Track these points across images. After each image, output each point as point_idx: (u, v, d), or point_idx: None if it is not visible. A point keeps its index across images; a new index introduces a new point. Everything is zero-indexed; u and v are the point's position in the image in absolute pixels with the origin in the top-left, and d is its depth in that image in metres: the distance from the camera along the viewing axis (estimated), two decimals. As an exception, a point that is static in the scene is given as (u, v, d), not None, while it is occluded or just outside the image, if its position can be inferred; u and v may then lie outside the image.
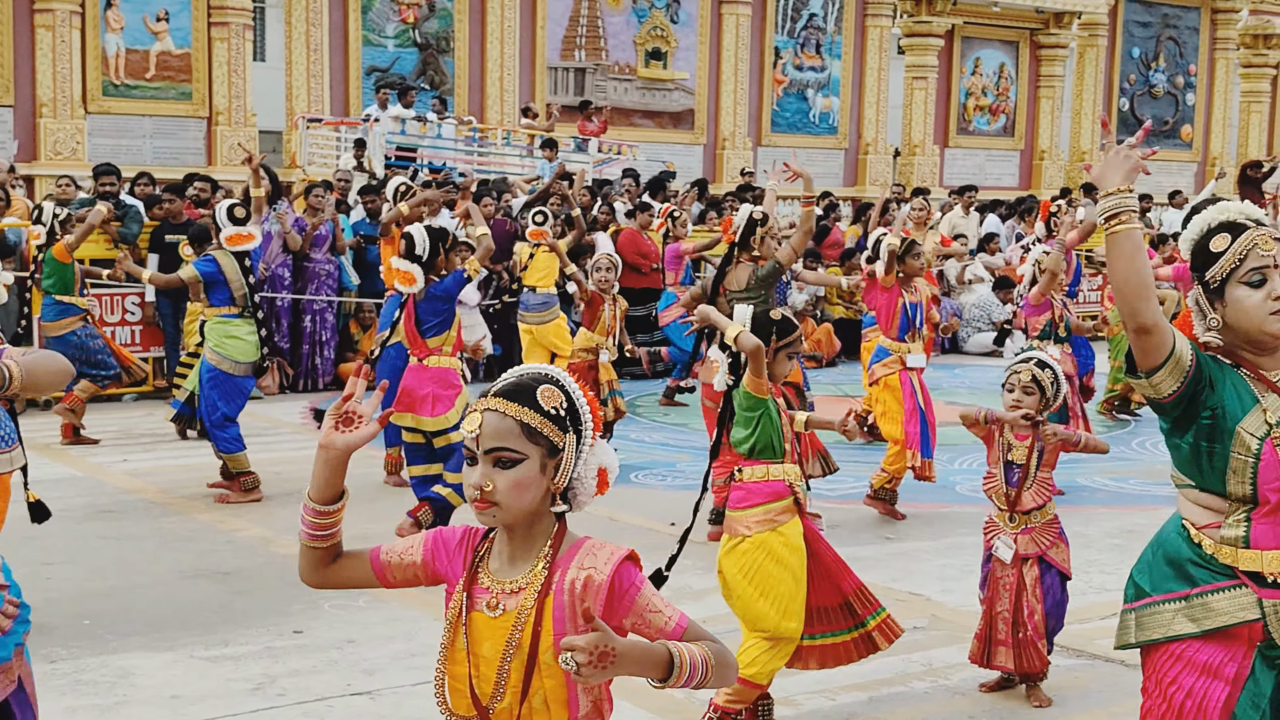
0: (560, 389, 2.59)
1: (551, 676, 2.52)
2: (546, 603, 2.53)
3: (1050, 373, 5.53)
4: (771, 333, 5.05)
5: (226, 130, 19.21)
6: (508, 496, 2.51)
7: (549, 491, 2.56)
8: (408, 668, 5.67)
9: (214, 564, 7.19)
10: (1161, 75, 28.60)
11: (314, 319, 13.00)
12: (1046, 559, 5.41)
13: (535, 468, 2.53)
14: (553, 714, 2.55)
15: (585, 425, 2.60)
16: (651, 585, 2.56)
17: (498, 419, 2.52)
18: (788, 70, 24.37)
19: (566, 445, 2.56)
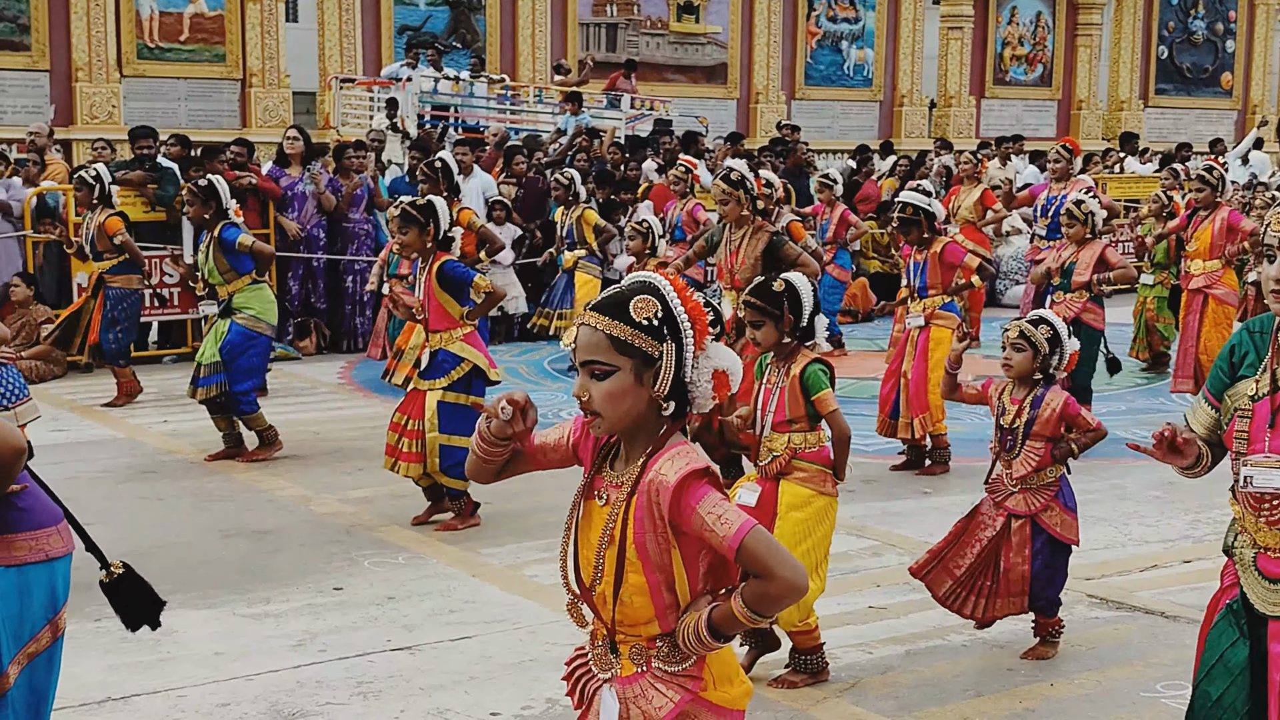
0: (657, 298, 2.65)
1: (636, 571, 2.64)
2: (632, 501, 2.64)
3: (1047, 328, 5.28)
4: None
5: (260, 92, 19.26)
6: (604, 406, 2.63)
7: (652, 399, 2.64)
8: (446, 623, 5.71)
9: (253, 522, 7.25)
10: (1200, 22, 28.22)
11: (354, 279, 13.03)
12: (1038, 521, 5.24)
13: (629, 378, 2.62)
14: (638, 605, 2.67)
15: (685, 332, 2.65)
16: (717, 496, 2.60)
17: (589, 332, 2.64)
18: (821, 22, 24.18)
19: (664, 354, 2.62)
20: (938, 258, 8.20)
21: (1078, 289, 8.83)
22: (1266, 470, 3.14)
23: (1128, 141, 21.68)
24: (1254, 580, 3.25)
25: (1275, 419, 3.15)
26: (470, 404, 7.12)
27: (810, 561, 4.96)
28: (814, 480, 5.00)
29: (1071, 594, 6.10)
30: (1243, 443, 3.21)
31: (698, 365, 2.67)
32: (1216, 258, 9.92)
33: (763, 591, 2.57)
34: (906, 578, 6.30)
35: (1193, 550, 6.82)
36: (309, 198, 12.77)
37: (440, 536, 6.99)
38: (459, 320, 7.13)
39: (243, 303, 8.50)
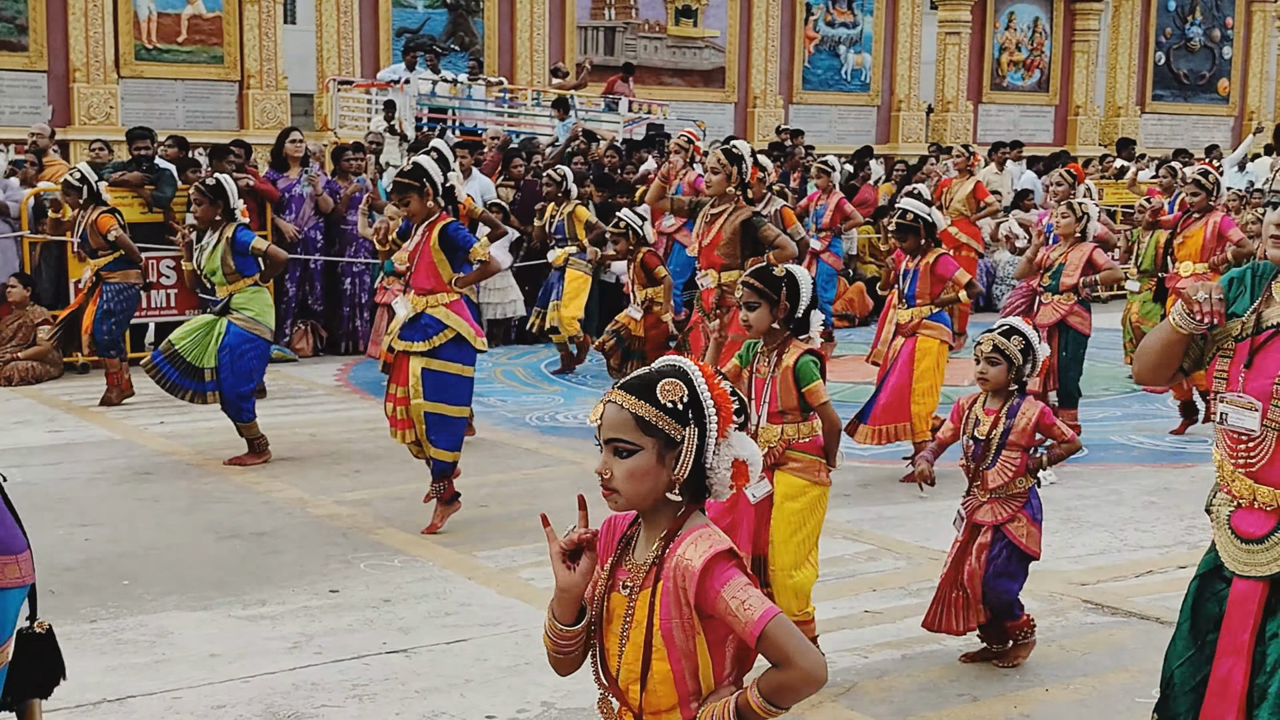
0: (685, 382, 2.67)
1: (660, 658, 2.64)
2: (657, 586, 2.64)
3: (1020, 339, 5.26)
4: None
5: (258, 94, 19.25)
6: (624, 485, 2.65)
7: (671, 481, 2.65)
8: (442, 626, 5.71)
9: (250, 524, 7.25)
10: (1198, 29, 28.26)
11: (353, 281, 13.03)
12: (1003, 530, 5.21)
13: (651, 459, 2.64)
14: (662, 694, 2.66)
15: (709, 419, 2.67)
16: (743, 580, 2.60)
17: (615, 410, 2.66)
18: (819, 26, 24.20)
19: (686, 438, 2.64)
20: (930, 268, 8.18)
21: (1065, 291, 8.83)
22: (1239, 410, 3.21)
23: (1124, 147, 21.70)
24: (1226, 539, 3.31)
25: (1252, 359, 3.21)
26: (455, 372, 7.10)
27: (804, 550, 5.03)
28: (808, 470, 5.04)
29: (1067, 599, 6.11)
30: (1221, 381, 3.27)
31: (719, 452, 2.68)
32: (1206, 260, 9.92)
33: (781, 681, 2.56)
34: (903, 582, 6.33)
35: (1188, 556, 6.82)
36: (306, 199, 12.77)
37: (436, 539, 6.99)
38: (446, 285, 7.11)
39: (242, 304, 8.49)
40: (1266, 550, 3.24)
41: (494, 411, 10.31)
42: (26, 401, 10.54)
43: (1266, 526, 3.25)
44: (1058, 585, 6.27)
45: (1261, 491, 3.23)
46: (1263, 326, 3.24)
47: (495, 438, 9.41)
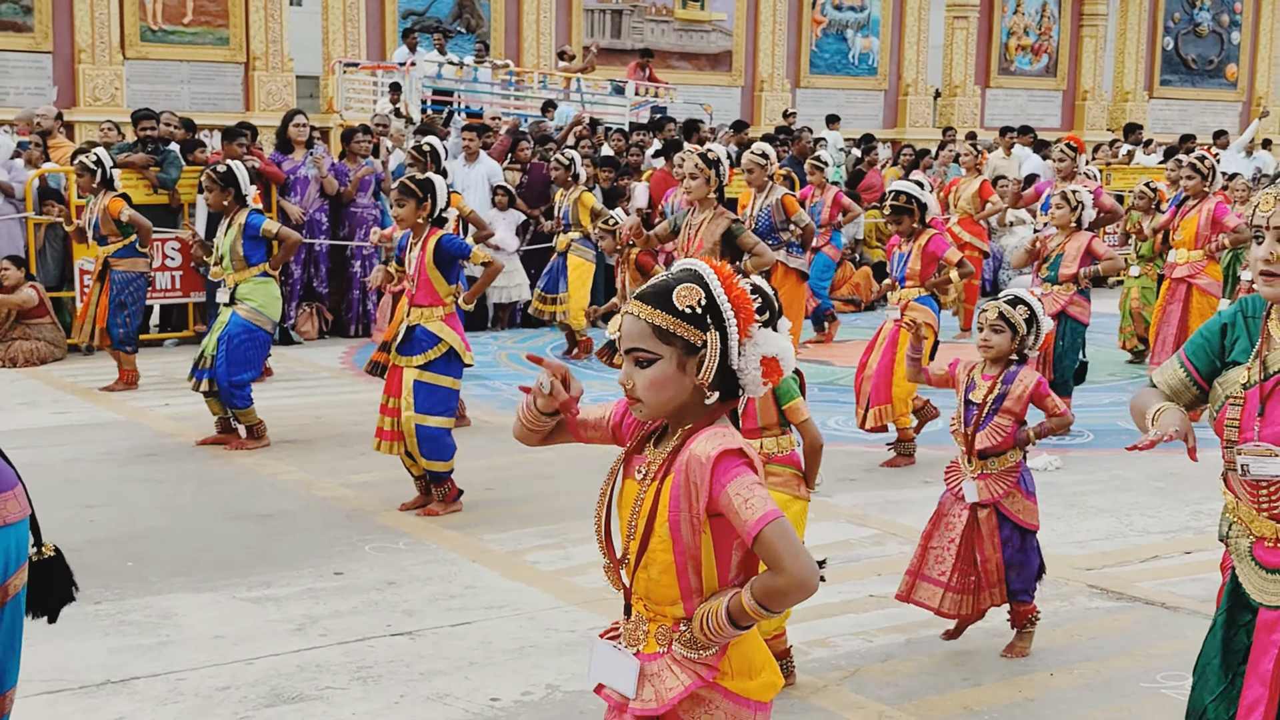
0: (701, 286, 2.66)
1: (664, 548, 2.65)
2: (667, 479, 2.66)
3: (1025, 309, 5.23)
4: None
5: (263, 75, 19.23)
6: (647, 393, 2.65)
7: (697, 386, 2.65)
8: (447, 609, 5.71)
9: (255, 506, 7.25)
10: (1206, 13, 28.16)
11: (362, 264, 13.02)
12: (1000, 509, 5.19)
13: (671, 366, 2.64)
14: (664, 584, 2.68)
15: (728, 320, 2.66)
16: (751, 479, 2.59)
17: (633, 321, 2.66)
18: (826, 10, 24.13)
19: (707, 342, 2.64)
20: (922, 249, 8.18)
21: (1065, 282, 8.80)
22: (1260, 459, 3.16)
23: (1132, 132, 21.64)
24: (1250, 569, 3.26)
25: (1265, 407, 3.17)
26: (447, 385, 7.13)
27: None
28: (788, 484, 4.94)
29: (1072, 584, 6.10)
30: (1234, 430, 3.22)
31: (744, 352, 2.67)
32: (1201, 248, 9.88)
33: (771, 584, 2.56)
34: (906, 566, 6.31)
35: (1194, 541, 6.81)
36: (311, 182, 12.75)
37: (441, 522, 6.99)
38: (443, 299, 7.14)
39: (247, 294, 8.49)
40: None
41: (499, 395, 10.30)
42: (32, 383, 10.55)
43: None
44: (1063, 570, 6.26)
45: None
46: (1270, 373, 3.19)
47: (501, 421, 9.41)
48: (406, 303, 7.23)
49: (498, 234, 13.13)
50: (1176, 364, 3.42)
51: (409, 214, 7.11)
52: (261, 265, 8.54)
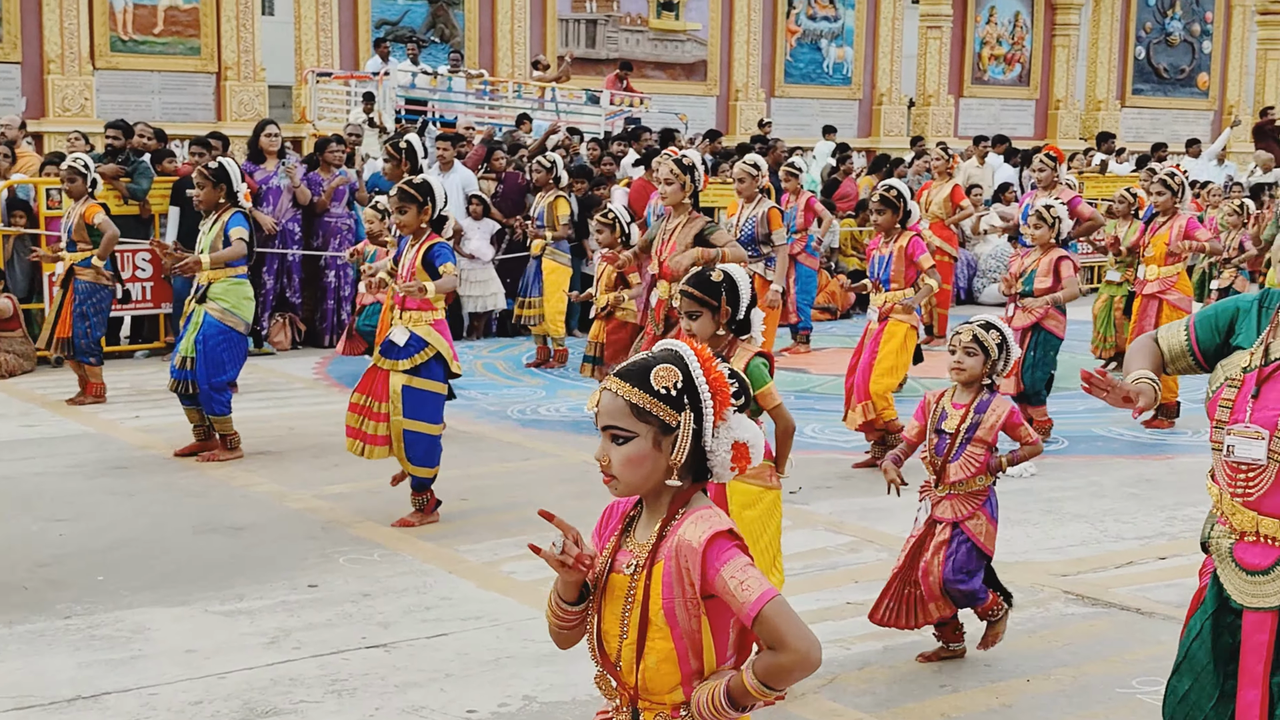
0: (679, 367, 2.68)
1: (662, 637, 2.64)
2: (656, 567, 2.65)
3: (997, 334, 5.25)
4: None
5: (235, 85, 19.16)
6: (621, 470, 2.66)
7: (669, 466, 2.66)
8: (422, 620, 5.67)
9: (227, 519, 7.19)
10: (1178, 23, 28.33)
11: (336, 274, 12.96)
12: (961, 527, 5.18)
13: (647, 445, 2.65)
14: (664, 673, 2.66)
15: (705, 403, 2.67)
16: (744, 560, 2.59)
17: (610, 398, 2.67)
18: (801, 20, 24.19)
19: (681, 423, 2.65)
20: (903, 251, 8.25)
21: (1040, 295, 8.81)
22: (1247, 440, 3.19)
23: (1104, 141, 21.73)
24: (1231, 571, 3.27)
25: (1260, 390, 3.19)
26: (435, 391, 7.11)
27: (768, 557, 4.95)
28: (759, 476, 4.95)
29: (1048, 590, 6.10)
30: (1226, 411, 3.24)
31: (718, 435, 2.69)
32: (1172, 264, 9.85)
33: (774, 663, 2.56)
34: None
35: (1168, 547, 6.82)
36: (284, 191, 12.69)
37: (416, 533, 6.95)
38: (433, 304, 7.11)
39: (219, 294, 8.41)
40: (1273, 580, 3.20)
41: (475, 404, 10.27)
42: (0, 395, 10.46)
43: (1271, 557, 3.21)
44: (1039, 576, 6.26)
45: (1265, 523, 3.20)
46: (1271, 358, 3.22)
47: (476, 431, 9.37)
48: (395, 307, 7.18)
49: (473, 243, 13.10)
50: (1181, 329, 3.47)
51: (411, 219, 7.07)
52: (239, 268, 8.48)
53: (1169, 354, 3.46)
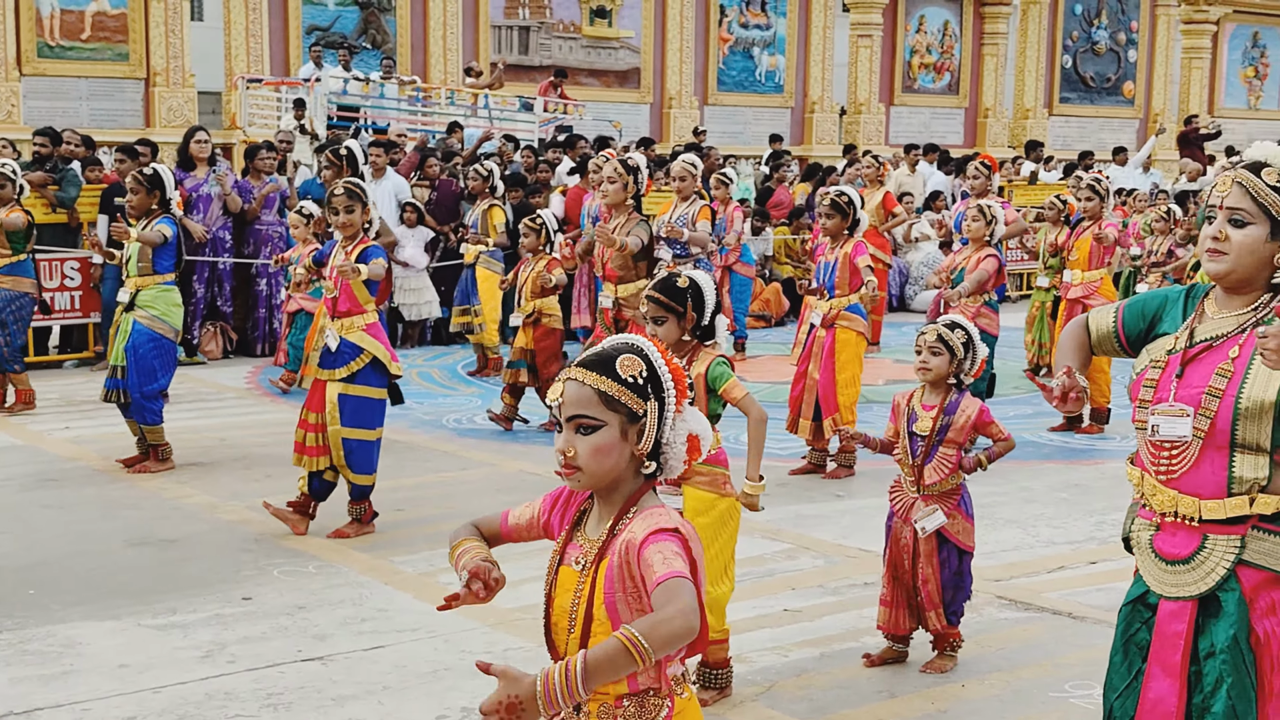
0: (641, 358, 2.71)
1: (604, 631, 2.64)
2: (603, 563, 2.67)
3: (962, 333, 5.31)
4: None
5: (164, 91, 18.96)
6: (589, 461, 2.65)
7: (634, 457, 2.69)
8: (358, 632, 5.63)
9: (159, 531, 7.11)
10: (1104, 32, 28.73)
11: (268, 282, 12.85)
12: (942, 530, 5.25)
13: (615, 434, 2.66)
14: None
15: (668, 392, 2.71)
16: (675, 547, 2.60)
17: (577, 387, 2.67)
18: (733, 28, 24.29)
19: (647, 412, 2.68)
20: (848, 258, 8.31)
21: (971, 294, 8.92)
22: (1171, 419, 3.25)
23: (1033, 149, 22.00)
24: (1150, 562, 3.33)
25: (1184, 370, 3.27)
26: (373, 397, 7.07)
27: (719, 565, 4.95)
28: (715, 483, 4.97)
29: (980, 595, 6.16)
30: (1149, 391, 3.31)
31: (674, 426, 2.73)
32: (1095, 269, 9.98)
33: (656, 616, 2.51)
34: (820, 580, 6.36)
35: (1098, 551, 6.92)
36: (214, 199, 12.58)
37: (352, 544, 6.91)
38: (365, 307, 7.09)
39: (148, 301, 8.32)
40: (1192, 570, 3.26)
41: (410, 413, 10.22)
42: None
43: (1190, 546, 3.26)
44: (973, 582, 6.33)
45: (1184, 502, 3.25)
46: (1195, 341, 3.29)
47: (411, 440, 9.33)
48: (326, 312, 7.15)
49: (407, 251, 13.05)
50: (1111, 312, 3.55)
51: (358, 219, 7.04)
52: (168, 275, 8.40)
53: (1096, 335, 3.55)
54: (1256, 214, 3.22)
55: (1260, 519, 3.20)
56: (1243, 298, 3.29)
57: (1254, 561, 3.20)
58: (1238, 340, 3.23)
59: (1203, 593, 3.23)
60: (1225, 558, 3.22)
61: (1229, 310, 3.30)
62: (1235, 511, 3.21)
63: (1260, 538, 3.20)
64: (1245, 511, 3.20)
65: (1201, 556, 3.24)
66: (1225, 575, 3.21)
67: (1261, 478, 3.18)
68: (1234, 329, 3.26)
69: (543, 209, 11.77)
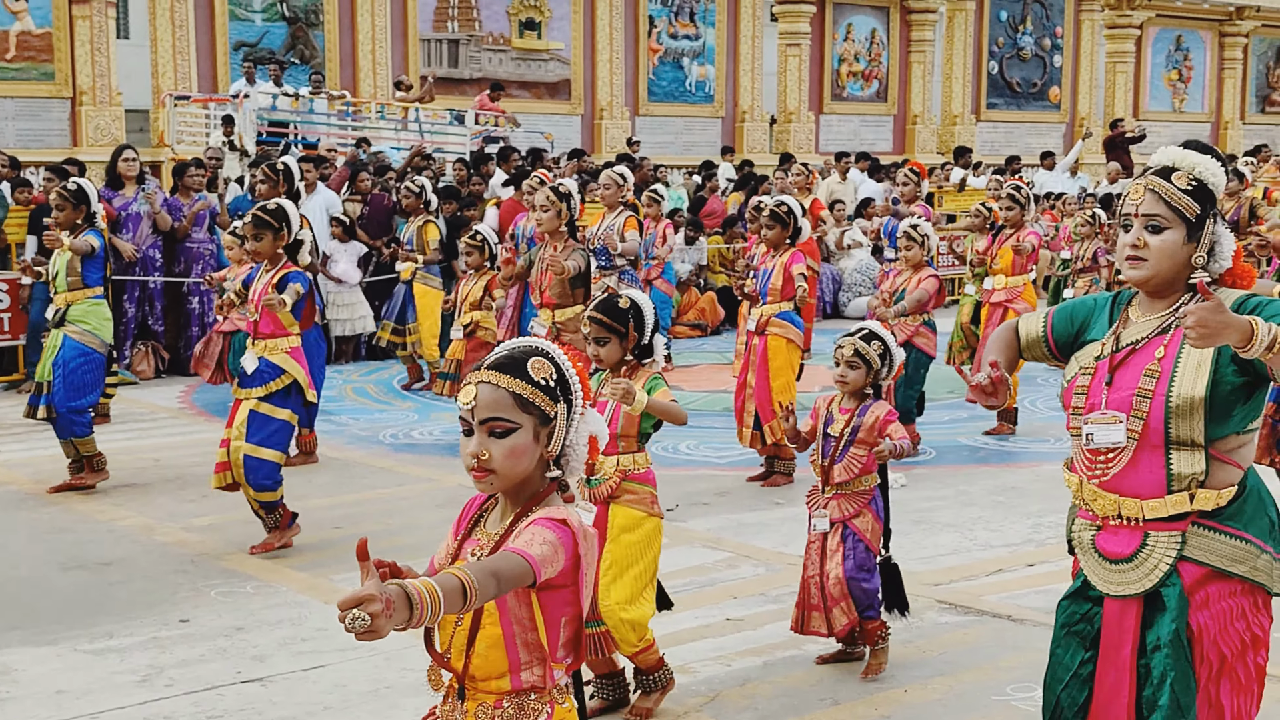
0: (550, 360, 2.73)
1: (492, 622, 2.64)
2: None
3: (879, 344, 5.40)
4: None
5: (91, 110, 18.71)
6: (503, 464, 2.65)
7: (543, 458, 2.71)
8: (297, 653, 5.58)
9: (94, 554, 7.02)
10: (1029, 38, 29.06)
11: (200, 300, 12.71)
12: (849, 525, 5.31)
13: (528, 436, 2.67)
14: (493, 659, 2.66)
15: (575, 395, 2.74)
16: (550, 534, 2.59)
17: (491, 390, 2.66)
18: (663, 39, 24.34)
19: (558, 414, 2.70)
20: (785, 266, 8.37)
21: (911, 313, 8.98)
22: (1105, 426, 3.30)
23: (962, 155, 22.21)
24: (1094, 561, 3.37)
25: (1113, 376, 3.32)
26: (282, 418, 7.02)
27: (640, 585, 4.97)
28: (643, 502, 5.02)
29: (921, 600, 6.20)
30: (1081, 397, 3.36)
31: (579, 428, 2.75)
32: (1018, 274, 10.08)
33: (494, 566, 2.48)
34: (763, 588, 6.38)
35: (1036, 554, 6.99)
36: (144, 218, 12.43)
37: (289, 563, 6.85)
38: (288, 330, 7.05)
39: (78, 316, 8.25)
40: (1136, 568, 3.30)
41: (346, 430, 10.15)
42: None
43: (1132, 545, 3.31)
44: (912, 586, 6.33)
45: (1126, 504, 3.29)
46: (1121, 346, 3.34)
47: (348, 457, 9.27)
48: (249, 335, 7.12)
49: (340, 266, 12.96)
50: (1040, 318, 3.60)
51: (267, 246, 7.02)
52: (96, 289, 8.31)
53: (1025, 340, 3.60)
54: (1171, 218, 3.29)
55: (1199, 515, 3.26)
56: (1164, 300, 3.36)
57: (1194, 558, 3.26)
58: (1162, 341, 3.29)
59: (1147, 590, 3.28)
60: (1167, 555, 3.27)
61: (1152, 313, 3.36)
62: (1177, 509, 3.26)
63: (1200, 534, 3.26)
64: (1186, 509, 3.25)
65: (1144, 554, 3.29)
66: (1168, 572, 3.26)
67: (1199, 472, 3.24)
68: (1157, 330, 3.32)
69: (479, 224, 11.73)
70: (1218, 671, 3.26)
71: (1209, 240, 3.31)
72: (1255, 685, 3.31)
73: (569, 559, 2.62)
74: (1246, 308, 3.19)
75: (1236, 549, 3.25)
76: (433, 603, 2.35)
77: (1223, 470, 3.26)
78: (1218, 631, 3.25)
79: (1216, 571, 3.26)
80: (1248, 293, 3.29)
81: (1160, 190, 3.30)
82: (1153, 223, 3.30)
